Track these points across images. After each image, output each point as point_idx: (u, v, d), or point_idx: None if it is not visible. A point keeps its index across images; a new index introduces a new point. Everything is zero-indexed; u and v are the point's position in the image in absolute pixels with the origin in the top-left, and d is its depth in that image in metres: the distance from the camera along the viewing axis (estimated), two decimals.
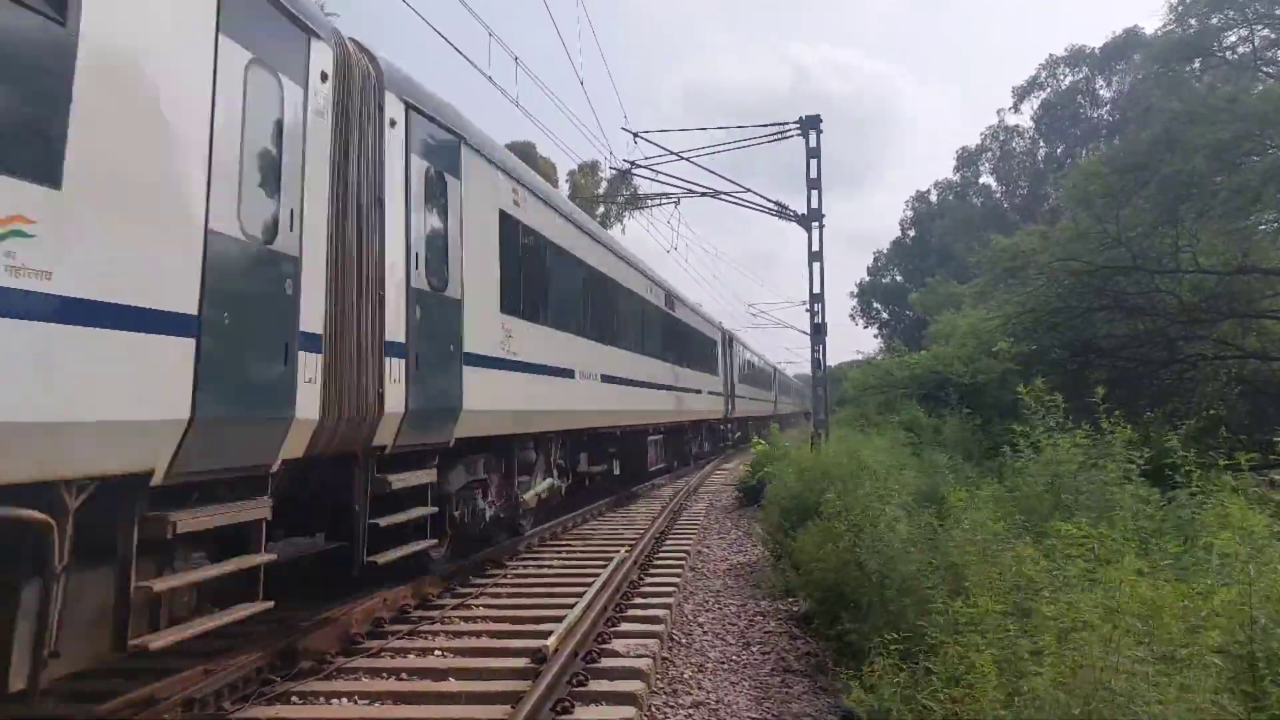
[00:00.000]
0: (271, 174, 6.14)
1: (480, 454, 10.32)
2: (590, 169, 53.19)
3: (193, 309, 5.16)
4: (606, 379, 15.69)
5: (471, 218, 9.66)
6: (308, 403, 6.35)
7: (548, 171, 45.30)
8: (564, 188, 50.62)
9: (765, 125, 21.62)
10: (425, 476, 8.53)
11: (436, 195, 8.90)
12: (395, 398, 7.68)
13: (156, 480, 5.01)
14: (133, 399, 4.70)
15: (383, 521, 7.69)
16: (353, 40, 7.88)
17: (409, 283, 8.10)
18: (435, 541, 9.02)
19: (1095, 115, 53.78)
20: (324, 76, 6.97)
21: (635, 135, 21.91)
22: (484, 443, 10.27)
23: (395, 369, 7.73)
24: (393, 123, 8.13)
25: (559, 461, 13.90)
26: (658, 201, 26.60)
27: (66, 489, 4.43)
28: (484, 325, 9.90)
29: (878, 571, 6.50)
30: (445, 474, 9.24)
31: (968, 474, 9.65)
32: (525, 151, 40.77)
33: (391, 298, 7.76)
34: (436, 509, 8.82)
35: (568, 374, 13.24)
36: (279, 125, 6.27)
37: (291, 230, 6.31)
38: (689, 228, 60.32)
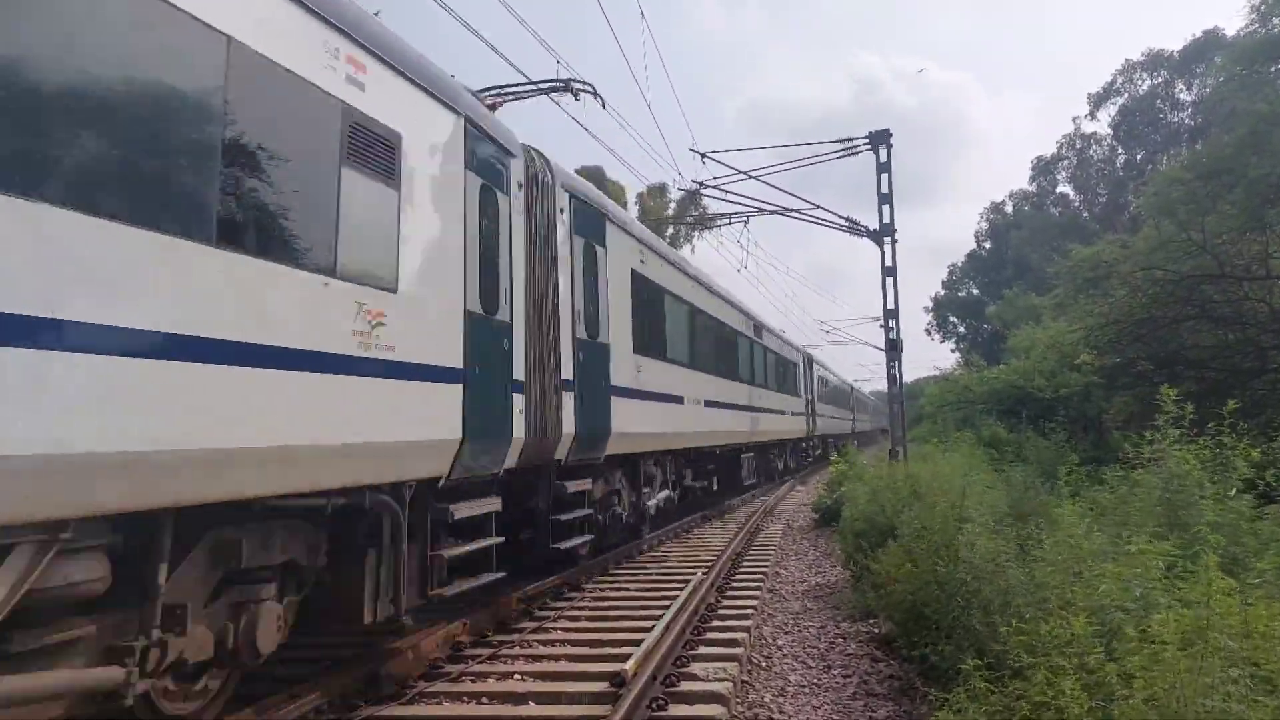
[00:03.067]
0: (492, 263, 8.13)
1: (617, 469, 12.51)
2: (659, 190, 53.45)
3: (459, 364, 7.21)
4: (709, 404, 17.22)
5: (613, 278, 11.84)
6: (519, 427, 8.45)
7: (617, 194, 45.59)
8: (633, 209, 50.92)
9: (834, 141, 21.50)
10: (586, 485, 10.89)
11: (590, 263, 11.05)
12: (569, 422, 9.85)
13: (442, 482, 7.09)
14: (436, 426, 6.82)
15: (562, 516, 10.19)
16: (534, 149, 9.86)
17: (574, 334, 10.29)
18: (592, 537, 11.37)
19: (1176, 120, 52.51)
20: (520, 185, 9.02)
21: (703, 156, 21.92)
22: (621, 459, 12.42)
23: (568, 401, 9.90)
24: (561, 210, 10.23)
25: (672, 476, 15.87)
26: (727, 221, 26.53)
27: (407, 488, 6.63)
28: (622, 363, 11.93)
29: (959, 592, 6.37)
30: (594, 485, 11.34)
31: (1048, 492, 9.42)
32: (595, 175, 41.10)
33: (564, 347, 9.98)
34: (591, 510, 11.17)
35: (679, 400, 15.05)
36: (496, 227, 8.31)
37: (505, 304, 8.31)
38: (759, 245, 60.30)
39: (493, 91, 12.16)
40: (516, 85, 12.61)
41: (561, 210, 10.21)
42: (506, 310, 8.34)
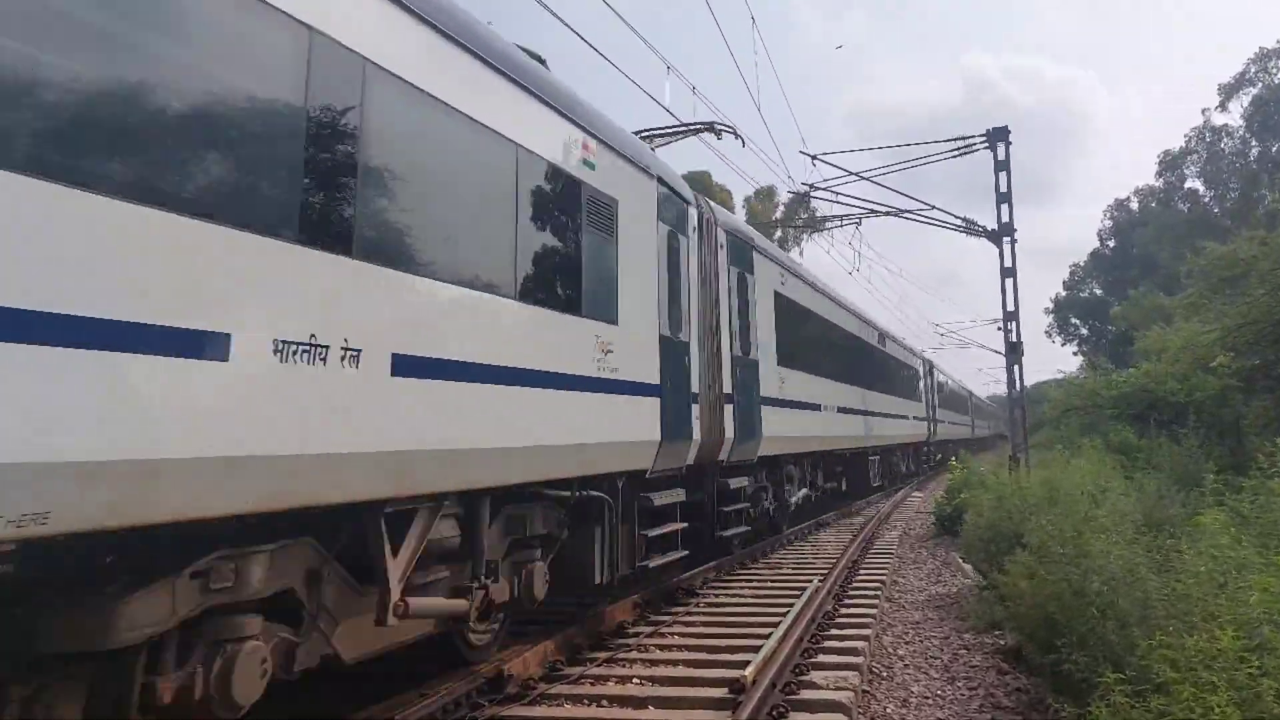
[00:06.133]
0: (676, 294, 9.92)
1: (763, 469, 14.10)
2: (767, 194, 53.08)
3: (657, 380, 9.00)
4: (842, 410, 19.25)
5: (759, 299, 13.63)
6: (697, 430, 10.16)
7: (723, 199, 45.44)
8: (740, 213, 50.61)
9: (948, 140, 21.03)
10: (744, 481, 12.81)
11: (741, 288, 12.82)
12: (729, 428, 11.51)
13: (648, 474, 9.00)
14: (643, 429, 8.60)
15: (726, 508, 12.09)
16: (701, 197, 11.68)
17: (731, 352, 12.06)
18: (748, 528, 13.35)
19: None
20: (693, 229, 10.83)
21: (813, 158, 21.71)
22: (767, 460, 14.02)
23: (728, 409, 11.56)
24: (720, 246, 12.05)
25: (809, 476, 17.78)
26: (838, 224, 26.19)
27: (619, 478, 8.47)
28: (768, 376, 13.63)
29: (1094, 602, 6.12)
30: (748, 482, 13.02)
31: (1183, 502, 9.00)
32: (700, 181, 41.02)
33: (725, 364, 11.70)
34: (749, 504, 13.03)
35: (817, 408, 16.90)
36: (677, 264, 10.09)
37: (685, 327, 10.11)
38: (871, 248, 59.48)
39: (644, 132, 12.94)
40: (668, 128, 13.55)
41: (721, 246, 12.06)
42: (686, 332, 10.17)
